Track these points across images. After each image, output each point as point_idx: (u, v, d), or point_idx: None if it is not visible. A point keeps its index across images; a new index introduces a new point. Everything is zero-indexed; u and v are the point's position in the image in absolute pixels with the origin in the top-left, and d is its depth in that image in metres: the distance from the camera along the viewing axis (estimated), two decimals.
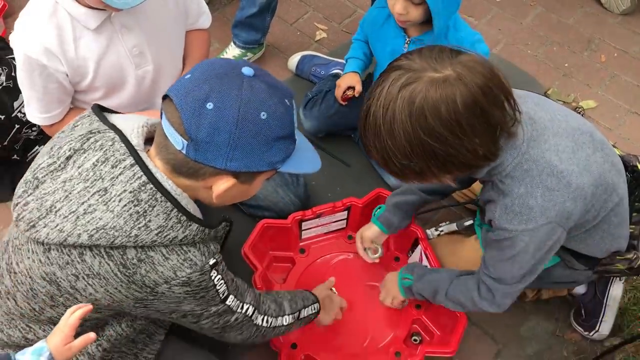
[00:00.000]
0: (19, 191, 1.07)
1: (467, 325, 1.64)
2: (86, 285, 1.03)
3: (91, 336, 1.02)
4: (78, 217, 1.00)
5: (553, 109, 1.30)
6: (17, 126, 1.84)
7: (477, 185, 1.74)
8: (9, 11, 2.44)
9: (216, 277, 1.08)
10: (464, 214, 2.00)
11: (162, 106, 1.01)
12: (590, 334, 1.78)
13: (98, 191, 1.00)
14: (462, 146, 1.09)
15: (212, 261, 1.07)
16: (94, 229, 0.98)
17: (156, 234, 1.00)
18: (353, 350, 1.68)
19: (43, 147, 1.18)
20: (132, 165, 1.01)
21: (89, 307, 1.02)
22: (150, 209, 1.00)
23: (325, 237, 1.87)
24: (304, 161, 1.09)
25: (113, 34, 1.42)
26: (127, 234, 0.98)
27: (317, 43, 2.52)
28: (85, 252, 1.01)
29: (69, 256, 1.01)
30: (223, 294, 1.12)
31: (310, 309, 1.48)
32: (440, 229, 1.85)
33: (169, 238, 1.01)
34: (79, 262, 1.01)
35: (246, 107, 0.96)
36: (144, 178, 1.00)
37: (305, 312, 1.45)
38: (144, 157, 1.04)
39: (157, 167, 1.03)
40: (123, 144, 1.03)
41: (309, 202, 1.90)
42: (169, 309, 1.10)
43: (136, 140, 1.05)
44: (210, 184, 1.04)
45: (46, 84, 1.43)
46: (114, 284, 1.02)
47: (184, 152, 0.99)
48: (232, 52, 2.29)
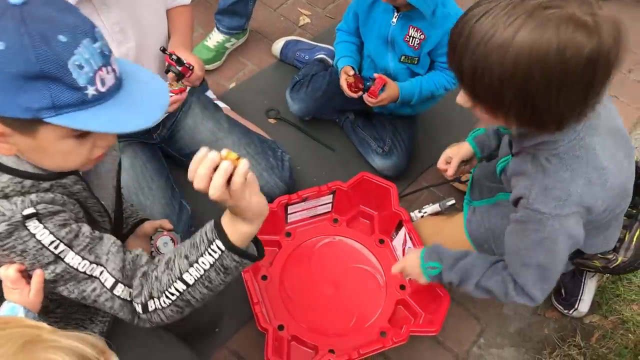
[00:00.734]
0: None
1: (451, 306, 1.68)
2: None
3: (38, 272, 0.98)
4: None
5: (609, 105, 1.26)
6: None
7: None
8: None
9: (37, 228, 0.95)
10: (447, 195, 2.03)
11: None
12: (570, 312, 1.83)
13: None
14: (557, 99, 1.04)
15: (27, 211, 0.93)
16: None
17: None
18: (339, 330, 1.71)
19: None
20: None
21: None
22: None
23: (311, 220, 1.89)
24: (108, 118, 0.88)
25: (92, 12, 1.41)
26: None
27: (300, 28, 2.52)
28: None
29: None
30: (54, 247, 0.96)
31: (208, 255, 1.00)
32: (424, 210, 1.88)
33: None
34: None
35: None
36: None
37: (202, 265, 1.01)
38: None
39: None
40: None
41: (294, 186, 1.92)
42: None
43: None
44: None
45: None
46: None
47: None
48: (215, 37, 2.29)
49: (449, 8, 1.76)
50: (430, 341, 1.76)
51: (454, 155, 1.66)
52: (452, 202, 1.86)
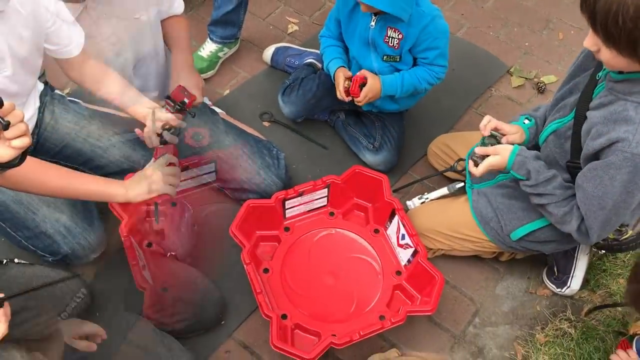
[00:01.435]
0: None
1: (446, 288, 1.76)
2: None
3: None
4: None
5: None
6: None
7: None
8: None
9: None
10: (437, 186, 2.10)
11: None
12: (562, 290, 1.92)
13: None
14: None
15: None
16: None
17: None
18: (340, 317, 1.79)
19: None
20: None
21: None
22: None
23: (308, 214, 1.97)
24: None
25: (91, 24, 1.48)
26: None
27: (289, 35, 2.62)
28: None
29: None
30: None
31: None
32: (426, 197, 1.94)
33: None
34: None
35: None
36: None
37: None
38: None
39: None
40: None
41: (290, 183, 2.01)
42: None
43: None
44: None
45: None
46: None
47: None
48: (209, 47, 2.39)
49: (422, 6, 1.85)
50: (427, 323, 1.85)
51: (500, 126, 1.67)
52: (460, 184, 1.90)
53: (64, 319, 1.62)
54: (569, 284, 1.89)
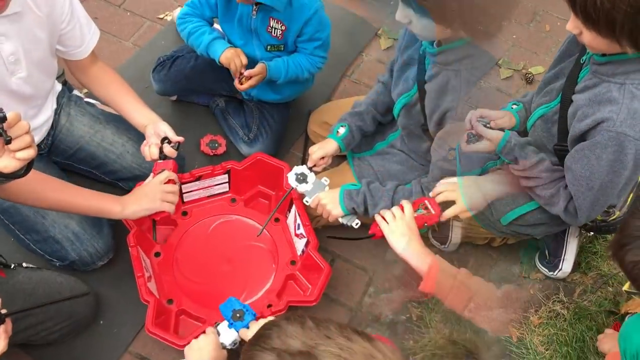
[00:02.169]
0: None
1: (340, 263, 1.84)
2: None
3: None
4: None
5: None
6: None
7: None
8: None
9: None
10: None
11: None
12: (555, 273, 1.92)
13: None
14: None
15: None
16: None
17: None
18: None
19: None
20: None
21: None
22: None
23: (208, 200, 1.95)
24: None
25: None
26: None
27: (160, 21, 2.51)
28: None
29: None
30: None
31: None
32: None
33: None
34: None
35: None
36: None
37: None
38: None
39: None
40: None
41: (184, 165, 1.99)
42: None
43: None
44: None
45: None
46: None
47: None
48: None
49: None
50: (324, 299, 1.78)
51: (317, 151, 1.82)
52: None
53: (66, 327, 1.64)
54: (560, 267, 1.90)
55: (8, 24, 1.46)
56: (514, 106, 1.73)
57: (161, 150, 1.69)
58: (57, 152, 1.87)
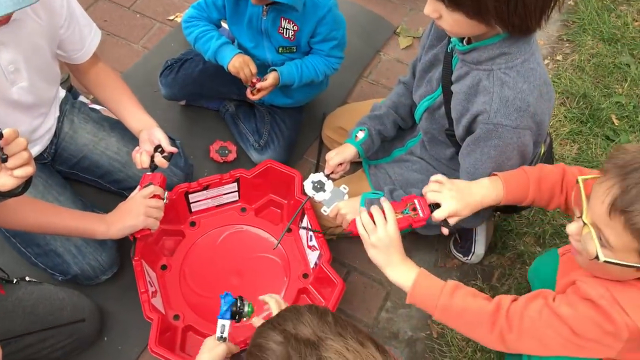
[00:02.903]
0: None
1: (354, 275, 1.72)
2: None
3: None
4: None
5: None
6: None
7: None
8: None
9: None
10: None
11: None
12: (469, 257, 1.83)
13: None
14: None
15: None
16: None
17: None
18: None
19: None
20: None
21: None
22: None
23: (217, 210, 1.87)
24: None
25: None
26: None
27: (170, 23, 2.44)
28: None
29: None
30: None
31: None
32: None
33: None
34: None
35: None
36: None
37: None
38: None
39: None
40: None
41: (192, 173, 1.90)
42: None
43: None
44: None
45: None
46: None
47: None
48: None
49: None
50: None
51: (334, 157, 1.71)
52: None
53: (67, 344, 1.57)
54: (473, 250, 1.81)
55: (6, 32, 1.39)
56: (361, 133, 1.71)
57: (152, 159, 1.60)
58: (60, 161, 1.80)
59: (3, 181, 1.08)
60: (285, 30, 1.75)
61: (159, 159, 1.59)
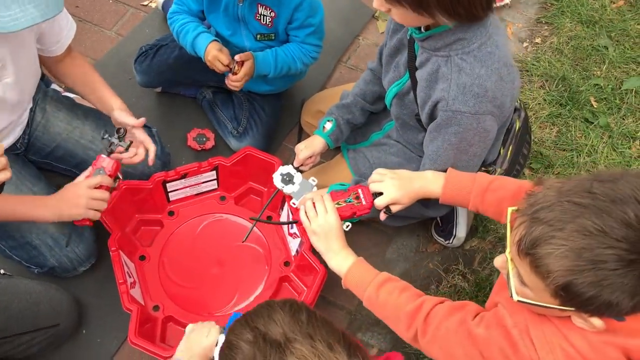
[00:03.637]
0: None
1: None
2: None
3: None
4: None
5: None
6: None
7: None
8: None
9: None
10: None
11: None
12: (450, 241, 1.82)
13: None
14: None
15: None
16: None
17: None
18: (220, 309, 1.67)
19: None
20: None
21: None
22: None
23: (196, 198, 1.84)
24: None
25: None
26: None
27: (144, 8, 2.38)
28: None
29: None
30: None
31: None
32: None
33: None
34: None
35: None
36: None
37: None
38: None
39: None
40: None
41: (170, 161, 1.87)
42: None
43: None
44: None
45: None
46: None
47: None
48: None
49: None
50: (321, 304, 1.71)
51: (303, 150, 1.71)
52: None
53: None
54: (454, 233, 1.80)
55: None
56: (328, 123, 1.71)
57: (112, 142, 1.53)
58: (33, 151, 1.75)
59: None
60: (262, 16, 1.71)
61: (116, 143, 1.53)
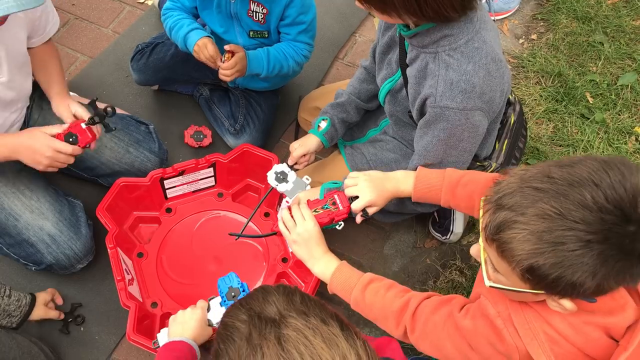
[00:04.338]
0: None
1: None
2: None
3: None
4: None
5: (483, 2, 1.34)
6: None
7: None
8: None
9: None
10: None
11: None
12: (447, 236, 1.82)
13: None
14: None
15: None
16: None
17: None
18: None
19: None
20: None
21: None
22: None
23: (193, 195, 1.84)
24: None
25: None
26: None
27: (141, 6, 2.39)
28: None
29: None
30: None
31: None
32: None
33: None
34: None
35: None
36: None
37: None
38: None
39: None
40: None
41: (167, 157, 1.86)
42: None
43: None
44: None
45: None
46: None
47: None
48: None
49: None
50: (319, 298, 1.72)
51: (297, 148, 1.72)
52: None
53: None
54: (451, 229, 1.80)
55: None
56: (323, 122, 1.71)
57: (93, 116, 1.51)
58: None
59: None
60: (254, 13, 1.71)
61: (95, 126, 1.52)
